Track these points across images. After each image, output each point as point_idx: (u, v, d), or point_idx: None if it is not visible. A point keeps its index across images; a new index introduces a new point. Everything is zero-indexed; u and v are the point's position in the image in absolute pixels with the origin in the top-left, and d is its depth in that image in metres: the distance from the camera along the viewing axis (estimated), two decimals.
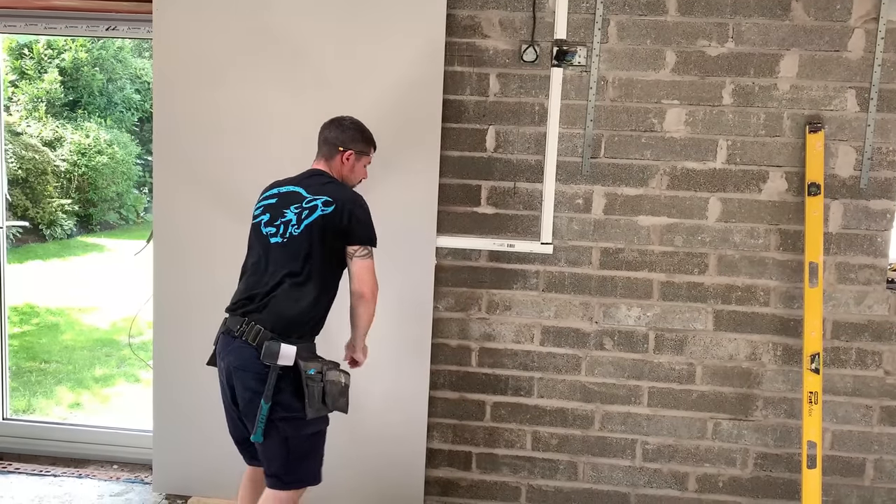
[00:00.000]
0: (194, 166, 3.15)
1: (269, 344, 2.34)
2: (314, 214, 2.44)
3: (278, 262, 2.44)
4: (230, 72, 3.09)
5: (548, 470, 3.18)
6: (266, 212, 2.52)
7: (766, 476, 3.09)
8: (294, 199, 2.48)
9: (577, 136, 3.03)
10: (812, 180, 2.90)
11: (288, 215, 2.46)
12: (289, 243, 2.44)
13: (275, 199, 2.53)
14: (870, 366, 3.01)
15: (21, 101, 11.93)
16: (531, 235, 3.10)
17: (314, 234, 2.43)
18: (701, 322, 3.06)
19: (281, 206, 2.49)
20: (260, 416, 2.34)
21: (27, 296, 7.75)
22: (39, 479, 3.45)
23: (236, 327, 2.41)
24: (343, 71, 3.03)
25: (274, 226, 2.48)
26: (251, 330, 2.37)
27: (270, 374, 2.34)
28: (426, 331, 3.11)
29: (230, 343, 2.43)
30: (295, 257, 2.43)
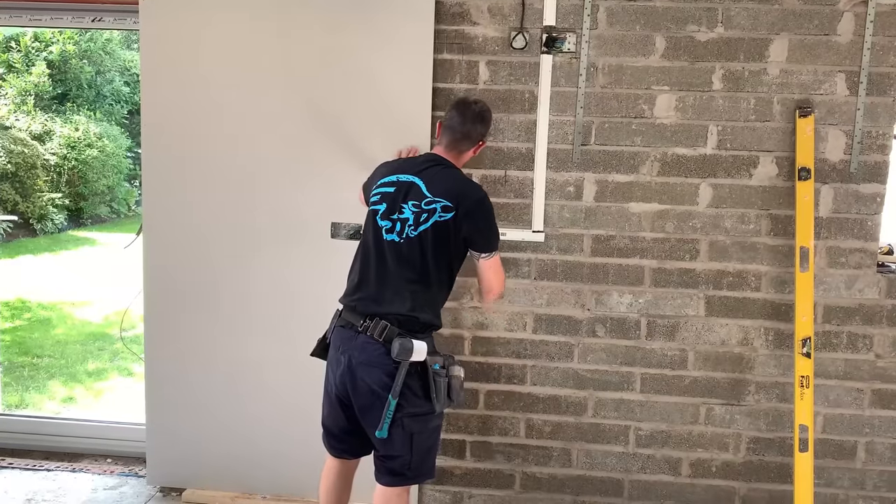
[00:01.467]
0: (184, 158, 3.13)
1: (402, 341, 2.34)
2: (431, 220, 2.42)
3: (397, 262, 2.44)
4: (218, 63, 3.06)
5: (542, 457, 3.19)
6: (383, 201, 2.49)
7: (759, 460, 3.11)
8: (412, 194, 2.45)
9: (567, 124, 3.03)
10: (802, 165, 2.90)
11: (405, 212, 2.44)
12: (405, 245, 2.43)
13: (392, 189, 2.48)
14: (861, 349, 3.03)
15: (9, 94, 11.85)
16: (522, 223, 3.09)
17: (429, 239, 2.43)
18: (693, 308, 3.07)
19: (398, 198, 2.46)
20: (387, 411, 2.34)
21: (19, 290, 7.72)
22: (33, 473, 3.44)
23: (359, 322, 2.41)
24: (332, 60, 3.01)
25: (390, 220, 2.46)
26: (377, 326, 2.38)
27: (400, 370, 2.34)
28: None
29: (353, 338, 2.42)
30: (413, 259, 2.44)
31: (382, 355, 2.37)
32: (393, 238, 2.45)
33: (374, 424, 2.38)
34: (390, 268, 2.45)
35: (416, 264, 2.44)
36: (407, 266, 2.44)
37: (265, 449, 3.19)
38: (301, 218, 3.10)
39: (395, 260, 2.45)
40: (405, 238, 2.44)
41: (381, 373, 2.37)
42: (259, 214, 3.11)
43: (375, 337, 2.38)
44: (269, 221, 3.11)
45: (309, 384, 3.11)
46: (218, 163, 3.10)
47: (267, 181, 3.10)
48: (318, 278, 3.11)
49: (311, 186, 3.08)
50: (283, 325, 3.15)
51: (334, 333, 2.51)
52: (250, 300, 3.14)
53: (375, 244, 2.49)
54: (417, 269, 2.44)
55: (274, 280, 3.14)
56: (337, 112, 3.04)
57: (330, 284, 3.09)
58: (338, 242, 3.09)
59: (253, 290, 3.14)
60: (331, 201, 3.08)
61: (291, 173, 3.08)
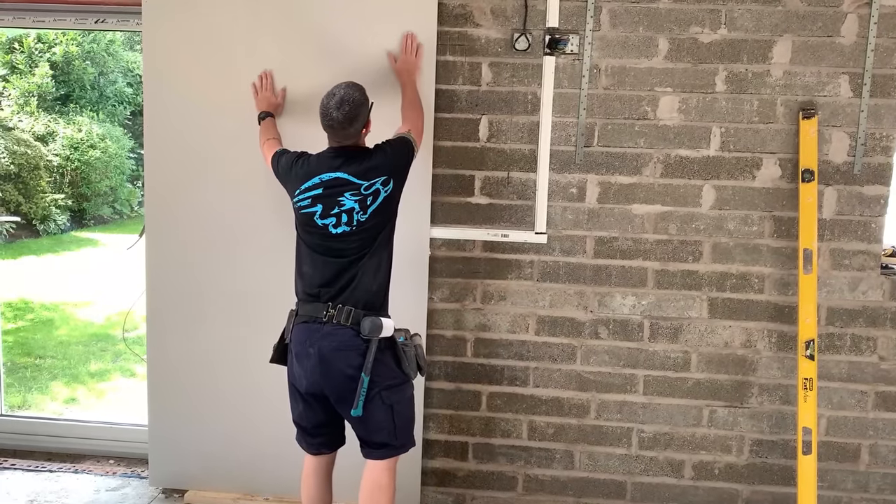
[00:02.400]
0: (186, 159, 3.13)
1: (372, 319, 2.45)
2: (379, 198, 2.52)
3: (351, 247, 2.52)
4: (220, 64, 3.06)
5: (544, 459, 3.19)
6: (316, 203, 2.53)
7: (762, 462, 3.10)
8: (346, 187, 2.51)
9: (570, 125, 3.02)
10: (806, 167, 2.90)
11: (346, 203, 2.50)
12: (358, 230, 2.51)
13: (321, 189, 2.53)
14: (864, 351, 3.02)
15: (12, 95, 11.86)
16: (525, 225, 3.09)
17: (382, 212, 2.53)
18: (696, 310, 3.06)
19: (332, 195, 2.51)
20: (361, 388, 2.43)
21: (21, 291, 7.72)
22: (35, 474, 3.44)
23: (321, 313, 2.48)
24: (334, 61, 3.00)
25: (332, 216, 2.51)
26: (341, 312, 2.47)
27: (370, 348, 2.44)
28: (421, 322, 3.10)
29: (317, 330, 2.49)
30: (367, 240, 2.53)
31: (352, 337, 2.46)
32: (344, 229, 2.50)
33: (350, 407, 2.46)
34: (345, 254, 2.52)
35: (370, 240, 2.53)
36: (363, 244, 2.52)
37: (267, 450, 3.19)
38: None
39: (350, 244, 2.51)
40: (356, 224, 2.50)
41: (354, 355, 2.45)
42: (262, 216, 3.11)
43: (342, 322, 2.46)
44: (272, 223, 3.10)
45: None
46: (220, 164, 3.10)
47: (269, 182, 3.08)
48: None
49: None
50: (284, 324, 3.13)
51: (295, 331, 2.55)
52: (253, 301, 3.14)
53: (323, 240, 2.54)
54: (372, 242, 2.53)
55: (276, 281, 3.13)
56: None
57: None
58: None
59: (255, 291, 3.14)
60: None
61: None
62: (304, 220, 2.57)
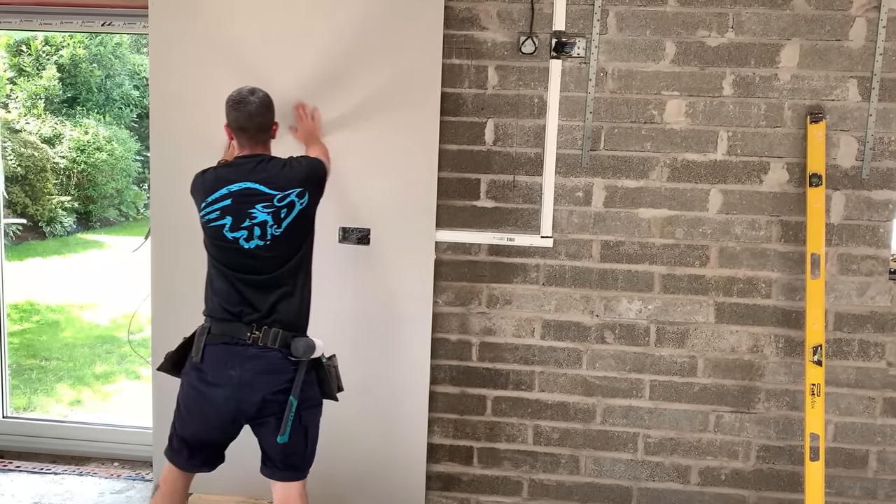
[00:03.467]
0: (192, 162, 3.11)
1: (305, 341, 2.38)
2: (294, 211, 2.42)
3: (267, 265, 2.41)
4: (226, 67, 3.06)
5: (549, 464, 3.17)
6: (225, 215, 2.39)
7: (769, 468, 3.08)
8: (258, 198, 2.39)
9: (576, 129, 3.01)
10: (813, 171, 2.88)
11: (259, 216, 2.38)
12: (273, 244, 2.40)
13: (229, 200, 2.39)
14: (872, 357, 3.00)
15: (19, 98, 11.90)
16: (531, 229, 3.08)
17: (299, 228, 2.44)
18: (702, 314, 3.05)
19: (242, 205, 2.38)
20: (289, 413, 2.35)
21: (27, 293, 7.74)
22: (40, 476, 3.44)
23: (245, 335, 2.37)
24: (341, 64, 3.00)
25: (244, 228, 2.38)
26: (268, 334, 2.37)
27: (300, 370, 2.38)
28: (426, 325, 3.10)
29: (240, 352, 2.37)
30: (283, 256, 2.43)
31: (281, 360, 2.38)
32: (257, 243, 2.38)
33: (271, 432, 2.38)
34: (262, 274, 2.41)
35: (286, 255, 2.43)
36: (280, 260, 2.42)
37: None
38: None
39: (266, 260, 2.40)
40: (271, 238, 2.39)
41: (281, 378, 2.37)
42: None
43: (269, 345, 2.36)
44: None
45: None
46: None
47: None
48: (326, 283, 3.10)
49: None
50: None
51: (212, 350, 2.39)
52: None
53: (235, 256, 2.41)
54: (290, 259, 2.43)
55: None
56: (345, 117, 3.03)
57: (338, 288, 3.09)
58: (346, 247, 3.08)
59: None
60: (339, 206, 3.07)
61: None
62: (212, 233, 2.43)
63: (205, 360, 2.40)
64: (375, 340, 3.13)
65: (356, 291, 3.10)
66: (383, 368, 3.12)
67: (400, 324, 3.10)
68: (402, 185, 3.04)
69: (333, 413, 3.14)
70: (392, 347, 3.11)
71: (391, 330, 3.10)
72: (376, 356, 3.13)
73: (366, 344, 3.12)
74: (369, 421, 3.14)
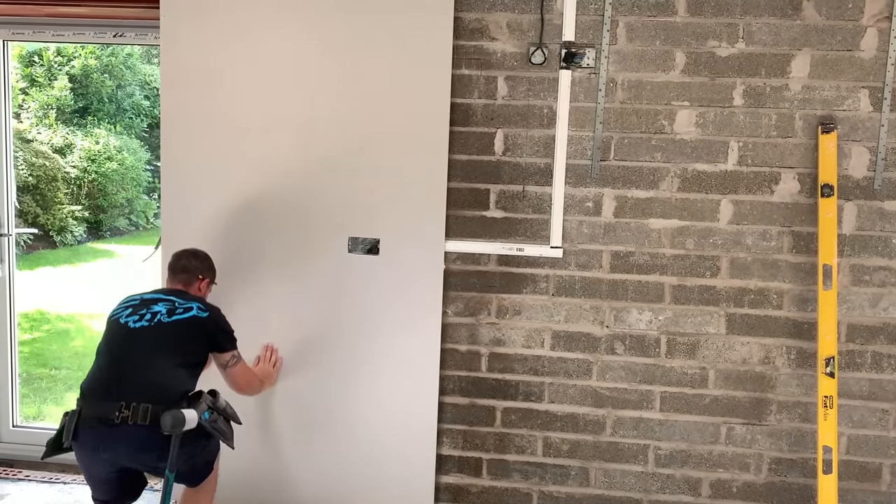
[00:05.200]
0: (202, 172, 3.14)
1: (173, 414, 2.29)
2: (189, 314, 2.55)
3: (145, 343, 2.47)
4: (238, 79, 3.08)
5: (559, 476, 3.15)
6: (128, 308, 2.56)
7: (781, 481, 3.05)
8: (164, 301, 2.58)
9: (586, 139, 3.01)
10: (825, 181, 2.87)
11: (156, 308, 2.54)
12: (156, 327, 2.49)
13: (137, 301, 2.60)
14: (885, 369, 2.97)
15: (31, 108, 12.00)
16: (541, 239, 3.07)
17: (186, 329, 2.52)
18: (713, 326, 3.03)
19: (148, 304, 2.56)
20: (168, 486, 2.35)
21: (38, 302, 7.78)
22: (49, 486, 3.45)
23: (114, 414, 2.31)
24: (350, 75, 3.01)
25: (138, 314, 2.52)
26: (137, 411, 2.32)
27: (173, 444, 2.31)
28: (435, 336, 3.09)
29: (110, 434, 2.33)
30: (162, 339, 2.48)
31: (152, 436, 2.32)
32: (142, 325, 2.48)
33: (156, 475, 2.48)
34: (139, 349, 2.46)
35: (167, 342, 2.48)
36: (159, 343, 2.47)
37: (275, 468, 3.17)
38: (319, 233, 3.09)
39: (146, 339, 2.47)
40: (157, 322, 2.49)
41: (157, 453, 2.35)
42: (277, 229, 3.11)
43: (140, 422, 2.31)
44: (288, 236, 3.11)
45: (325, 393, 3.11)
46: (236, 177, 3.11)
47: (286, 196, 3.10)
48: (335, 292, 3.11)
49: (329, 202, 3.08)
50: (300, 338, 3.14)
51: (81, 435, 2.36)
52: (267, 313, 3.14)
53: (120, 337, 2.49)
54: (170, 346, 2.48)
55: (291, 294, 3.13)
56: (356, 127, 3.04)
57: (347, 298, 3.10)
58: (355, 257, 3.08)
59: (270, 304, 3.14)
60: (348, 216, 3.08)
61: (310, 188, 3.08)
62: (109, 326, 2.56)
63: (77, 447, 2.40)
64: (384, 350, 3.12)
65: (365, 302, 3.10)
66: (392, 379, 3.11)
67: (409, 334, 3.09)
68: (411, 195, 3.04)
69: (343, 422, 3.14)
70: (401, 358, 3.10)
71: (400, 340, 3.09)
72: (385, 366, 3.12)
73: (375, 354, 3.11)
74: (378, 431, 3.13)
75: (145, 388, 2.37)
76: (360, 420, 3.15)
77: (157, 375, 2.42)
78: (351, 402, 3.14)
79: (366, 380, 3.14)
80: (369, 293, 3.10)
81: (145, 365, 2.43)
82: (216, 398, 2.55)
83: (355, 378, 3.14)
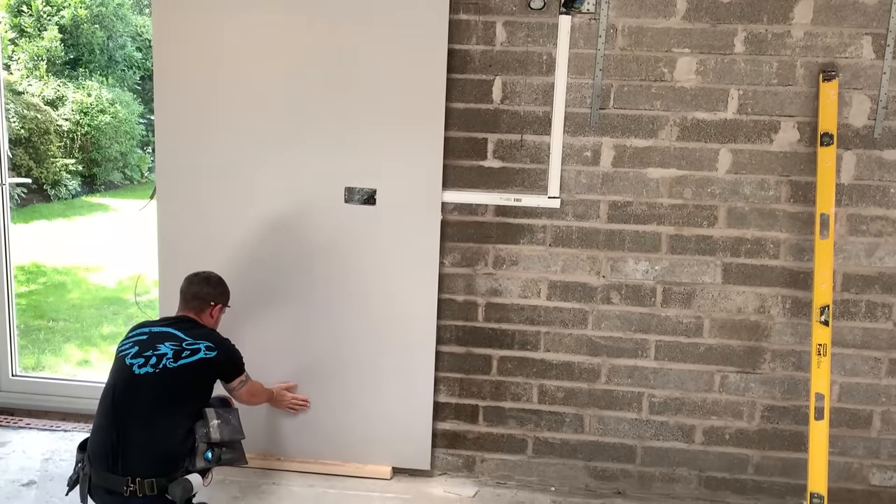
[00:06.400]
0: (196, 124, 3.10)
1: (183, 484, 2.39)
2: (196, 356, 2.52)
3: (149, 394, 2.45)
4: (231, 28, 3.02)
5: (554, 423, 3.19)
6: (135, 346, 2.54)
7: (773, 428, 3.10)
8: (170, 338, 2.54)
9: (585, 87, 2.97)
10: (825, 130, 2.84)
11: (162, 349, 2.50)
12: (161, 374, 2.46)
13: (145, 336, 2.55)
14: (879, 318, 2.99)
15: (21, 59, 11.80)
16: (538, 189, 3.06)
17: (193, 373, 2.50)
18: (709, 275, 3.04)
19: (154, 341, 2.53)
20: None
21: (33, 255, 7.76)
22: (50, 433, 3.48)
23: (122, 488, 2.36)
24: (347, 21, 2.96)
25: (143, 357, 2.49)
26: (143, 485, 2.36)
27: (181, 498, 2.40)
28: (432, 286, 3.10)
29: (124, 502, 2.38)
30: (167, 389, 2.46)
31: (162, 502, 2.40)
32: (148, 370, 2.46)
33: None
34: (143, 408, 2.44)
35: (170, 390, 2.47)
36: (162, 394, 2.46)
37: (280, 413, 3.21)
38: (315, 182, 3.07)
39: (148, 389, 2.45)
40: (162, 368, 2.46)
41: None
42: (272, 179, 3.09)
43: (148, 493, 2.37)
44: (283, 186, 3.09)
45: (323, 343, 3.13)
46: (231, 128, 3.08)
47: (281, 146, 3.07)
48: (331, 242, 3.10)
49: (325, 151, 3.05)
50: (297, 287, 3.14)
51: (96, 498, 2.44)
52: (263, 263, 3.14)
53: (124, 381, 2.47)
54: (173, 395, 2.47)
55: (287, 243, 3.13)
56: (351, 74, 3.00)
57: (344, 248, 3.10)
58: (351, 207, 3.07)
59: (266, 254, 3.13)
60: (344, 166, 3.06)
61: (305, 138, 3.05)
62: (117, 365, 2.54)
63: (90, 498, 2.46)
64: (381, 301, 3.13)
65: (361, 252, 3.10)
66: (390, 328, 3.13)
67: (406, 284, 3.10)
68: (408, 144, 3.01)
69: (341, 372, 3.17)
70: (398, 308, 3.11)
71: (397, 291, 3.10)
72: (382, 316, 3.14)
73: (372, 305, 3.12)
74: (376, 380, 3.16)
75: (149, 460, 2.40)
76: (358, 369, 3.18)
77: (161, 440, 2.42)
78: (348, 353, 3.16)
79: (363, 330, 3.15)
80: (366, 244, 3.09)
81: (149, 428, 2.42)
82: (208, 429, 2.51)
83: (353, 328, 3.15)
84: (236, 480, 3.11)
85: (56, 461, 3.24)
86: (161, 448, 2.43)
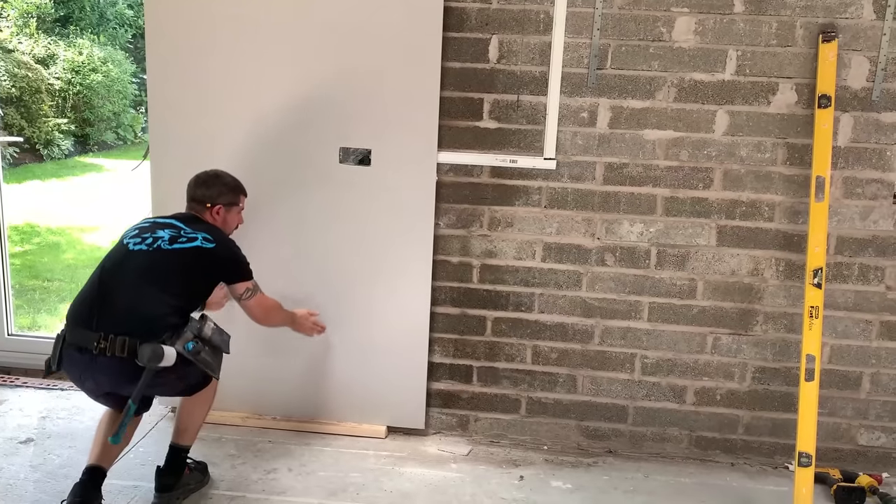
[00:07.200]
0: (190, 84, 3.06)
1: (153, 348, 2.26)
2: (192, 244, 2.49)
3: (138, 268, 2.42)
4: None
5: (547, 383, 3.22)
6: (136, 229, 2.55)
7: (764, 389, 3.13)
8: (171, 228, 2.53)
9: (583, 46, 2.94)
10: (823, 92, 2.82)
11: (160, 234, 2.49)
12: (153, 253, 2.44)
13: (148, 224, 2.57)
14: (872, 281, 3.01)
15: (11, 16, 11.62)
16: (534, 150, 3.04)
17: (184, 259, 2.46)
18: (704, 238, 3.04)
19: (155, 228, 2.52)
20: (125, 418, 2.32)
21: (27, 215, 7.73)
22: (47, 392, 3.51)
23: (92, 344, 2.29)
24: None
25: (140, 238, 2.48)
26: (114, 343, 2.28)
27: (144, 377, 2.27)
28: (427, 247, 3.10)
29: (90, 362, 2.32)
30: (156, 265, 2.43)
31: (129, 368, 2.28)
32: (140, 248, 2.45)
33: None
34: (130, 276, 2.41)
35: (162, 269, 2.43)
36: (152, 269, 2.42)
37: (274, 373, 3.23)
38: (309, 142, 3.05)
39: (140, 265, 2.42)
40: (156, 248, 2.45)
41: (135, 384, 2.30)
42: (266, 139, 3.06)
43: (117, 353, 2.28)
44: (277, 146, 3.07)
45: (319, 304, 3.13)
46: (224, 87, 3.04)
47: (275, 105, 3.04)
48: (326, 203, 3.09)
49: (320, 110, 3.02)
50: (292, 249, 3.14)
51: (66, 361, 2.37)
52: (258, 223, 3.13)
53: (116, 255, 2.47)
54: (164, 273, 2.43)
55: (282, 204, 3.12)
56: (345, 32, 2.96)
57: (339, 209, 3.09)
58: (346, 168, 3.05)
59: (260, 213, 3.12)
60: (339, 126, 3.03)
61: (300, 97, 3.02)
62: (113, 245, 2.53)
63: (64, 369, 2.41)
64: (376, 262, 3.13)
65: (356, 213, 3.09)
66: (385, 290, 3.14)
67: (401, 245, 3.10)
68: (403, 104, 2.98)
69: (337, 332, 3.18)
70: (393, 269, 3.12)
71: (392, 252, 3.10)
72: (377, 278, 3.14)
73: (367, 265, 3.13)
74: (372, 340, 3.18)
75: (127, 319, 2.33)
76: (353, 330, 3.19)
77: (143, 305, 2.36)
78: (344, 313, 3.17)
79: (359, 290, 3.16)
80: (361, 204, 3.08)
81: (132, 292, 2.38)
82: (203, 324, 2.44)
83: (349, 289, 3.16)
84: (232, 438, 3.14)
85: (53, 419, 3.26)
86: (143, 311, 2.36)
